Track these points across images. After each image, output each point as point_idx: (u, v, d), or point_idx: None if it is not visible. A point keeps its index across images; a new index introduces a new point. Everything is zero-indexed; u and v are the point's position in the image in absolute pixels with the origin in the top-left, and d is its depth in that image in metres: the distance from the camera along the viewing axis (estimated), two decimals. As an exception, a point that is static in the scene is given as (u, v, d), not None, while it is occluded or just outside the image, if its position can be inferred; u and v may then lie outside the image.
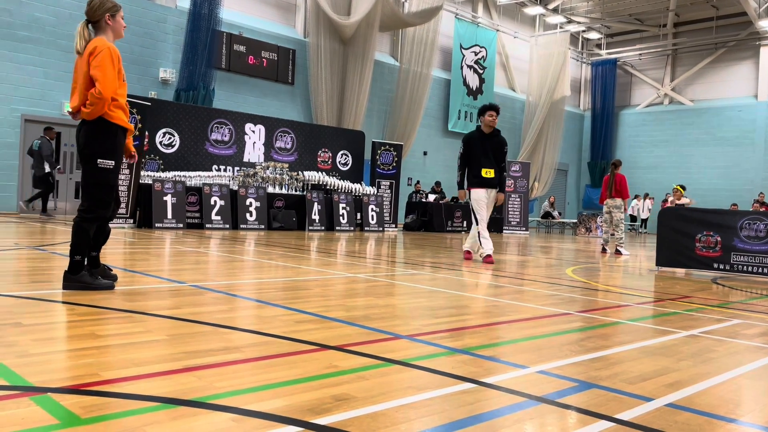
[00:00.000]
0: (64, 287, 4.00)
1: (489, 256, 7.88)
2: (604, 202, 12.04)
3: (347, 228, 14.92)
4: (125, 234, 9.89)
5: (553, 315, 4.10)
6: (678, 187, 12.97)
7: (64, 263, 5.57)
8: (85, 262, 4.07)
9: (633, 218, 26.72)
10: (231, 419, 1.84)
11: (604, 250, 11.82)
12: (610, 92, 30.45)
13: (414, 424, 1.89)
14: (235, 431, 1.75)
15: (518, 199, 20.19)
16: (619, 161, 12.25)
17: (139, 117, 11.70)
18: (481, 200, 7.96)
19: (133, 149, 4.42)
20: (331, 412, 1.95)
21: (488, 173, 7.93)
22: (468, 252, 8.40)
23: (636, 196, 26.37)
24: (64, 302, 3.61)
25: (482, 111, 8.09)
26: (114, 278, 4.31)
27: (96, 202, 3.98)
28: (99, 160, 3.92)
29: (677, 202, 12.81)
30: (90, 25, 3.99)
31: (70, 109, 4.00)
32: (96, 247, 4.19)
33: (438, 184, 20.14)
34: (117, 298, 3.80)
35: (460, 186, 8.23)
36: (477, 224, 8.00)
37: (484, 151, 7.95)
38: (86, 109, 3.86)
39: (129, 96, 12.01)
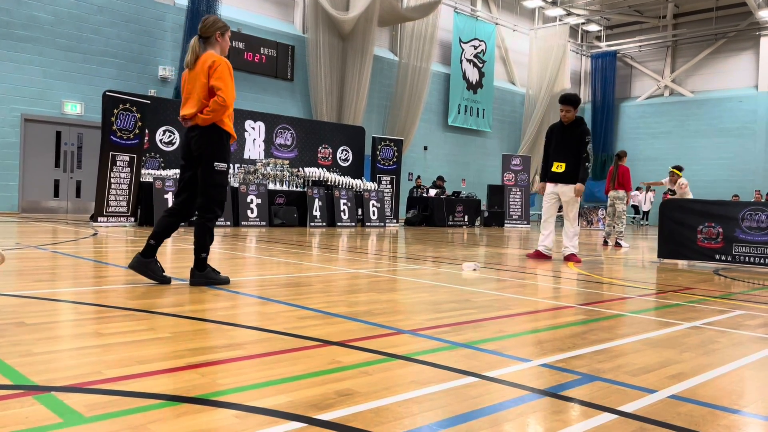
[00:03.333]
0: (191, 283, 4.31)
1: (537, 250, 7.71)
2: (608, 194, 11.98)
3: (348, 224, 14.92)
4: (127, 232, 9.90)
5: (555, 308, 4.10)
6: (673, 169, 11.87)
7: (67, 262, 5.58)
8: (153, 248, 4.30)
9: (636, 209, 26.58)
10: (234, 416, 1.84)
11: (605, 243, 11.80)
12: (610, 84, 30.37)
13: (417, 418, 1.89)
14: (239, 428, 1.75)
15: (519, 193, 20.18)
16: (624, 152, 12.07)
17: (139, 115, 11.68)
18: (546, 195, 7.68)
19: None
20: (334, 407, 1.95)
21: (559, 167, 7.51)
22: (573, 254, 7.76)
23: (638, 188, 26.30)
24: (66, 301, 3.62)
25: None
26: (167, 280, 4.42)
27: (214, 202, 4.36)
28: (215, 163, 4.30)
29: (672, 187, 11.94)
30: (201, 41, 4.39)
31: (182, 115, 4.36)
32: (157, 238, 4.37)
33: (441, 178, 20.11)
34: (120, 296, 3.81)
35: (541, 178, 7.75)
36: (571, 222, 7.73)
37: (560, 144, 7.55)
38: (205, 115, 4.22)
39: (128, 94, 12.11)
